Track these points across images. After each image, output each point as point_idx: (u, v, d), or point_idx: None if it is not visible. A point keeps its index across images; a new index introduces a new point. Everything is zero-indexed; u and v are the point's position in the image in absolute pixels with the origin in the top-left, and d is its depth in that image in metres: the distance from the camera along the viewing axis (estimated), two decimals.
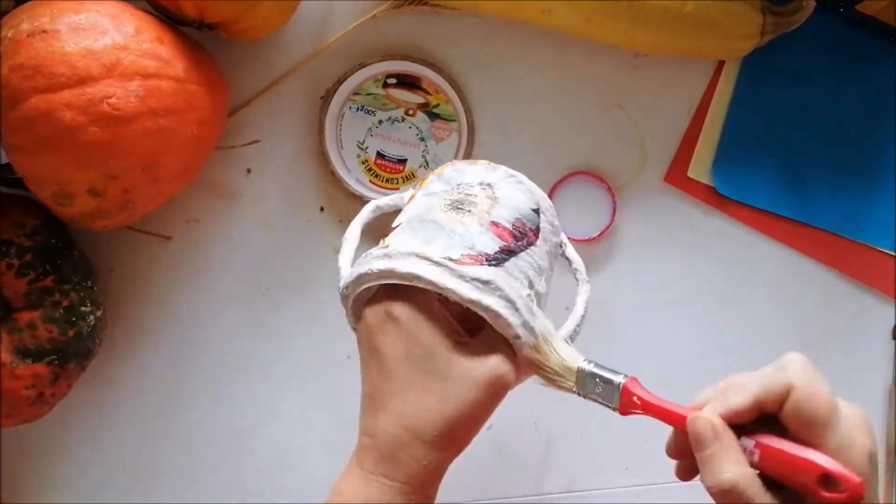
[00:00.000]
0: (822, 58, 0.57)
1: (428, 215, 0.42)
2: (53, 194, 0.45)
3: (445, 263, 0.39)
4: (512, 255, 0.40)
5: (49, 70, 0.43)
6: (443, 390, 0.37)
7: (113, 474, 0.57)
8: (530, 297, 0.39)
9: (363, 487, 0.37)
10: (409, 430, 0.37)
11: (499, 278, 0.39)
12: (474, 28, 0.56)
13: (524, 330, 0.38)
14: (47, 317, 0.48)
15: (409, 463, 0.37)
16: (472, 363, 0.37)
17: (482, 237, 0.40)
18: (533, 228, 0.42)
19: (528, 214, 0.42)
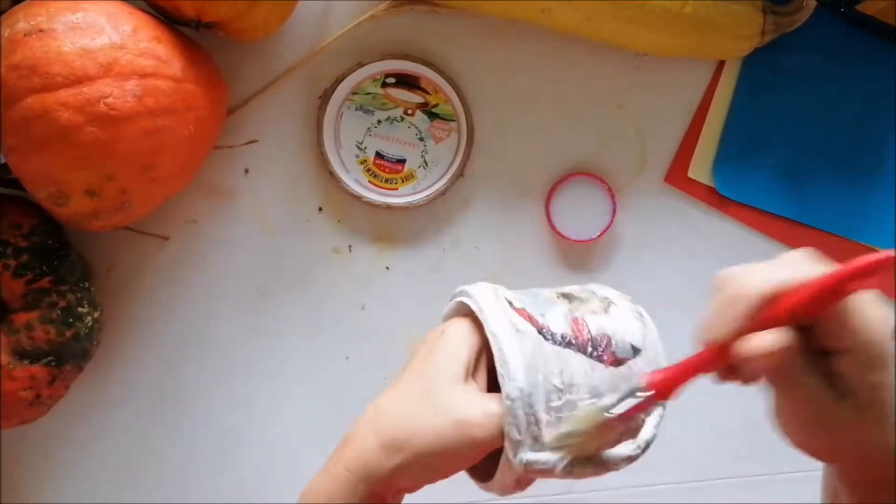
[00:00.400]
0: (823, 58, 0.57)
1: (541, 290, 0.42)
2: (50, 195, 0.45)
3: (502, 300, 0.38)
4: (570, 348, 0.38)
5: (45, 69, 0.43)
6: (422, 406, 0.37)
7: (111, 475, 0.57)
8: (557, 393, 0.36)
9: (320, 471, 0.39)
10: (374, 423, 0.38)
11: (532, 342, 0.37)
12: (473, 27, 0.56)
13: (521, 401, 0.35)
14: (44, 318, 0.48)
15: (358, 452, 0.38)
16: (459, 401, 0.37)
17: (556, 317, 0.39)
18: (615, 355, 0.38)
19: (622, 343, 0.39)
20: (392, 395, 0.39)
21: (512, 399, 0.35)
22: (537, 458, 0.35)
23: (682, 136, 0.57)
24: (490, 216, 0.57)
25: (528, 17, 0.53)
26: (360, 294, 0.57)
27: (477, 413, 0.36)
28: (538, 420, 0.36)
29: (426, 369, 0.38)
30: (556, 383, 0.36)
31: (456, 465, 0.37)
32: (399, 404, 0.38)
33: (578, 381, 0.37)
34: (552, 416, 0.36)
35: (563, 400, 0.36)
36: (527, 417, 0.35)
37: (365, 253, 0.57)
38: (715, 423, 0.58)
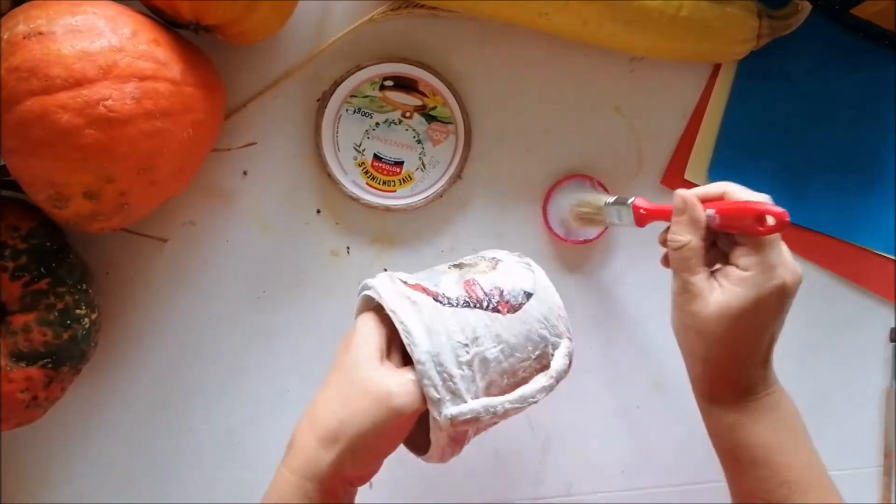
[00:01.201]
0: (818, 61, 0.57)
1: (434, 267, 0.47)
2: (49, 197, 0.45)
3: (395, 281, 0.42)
4: (466, 307, 0.41)
5: (45, 72, 0.43)
6: (347, 394, 0.40)
7: (108, 477, 0.57)
8: (464, 348, 0.40)
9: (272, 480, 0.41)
10: (310, 423, 0.40)
11: (429, 308, 0.40)
12: (471, 31, 0.56)
13: (431, 362, 0.38)
14: (42, 320, 0.47)
15: (298, 453, 0.40)
16: (377, 379, 0.39)
17: (450, 284, 0.43)
18: (510, 303, 0.42)
19: (514, 291, 0.43)
20: (321, 394, 0.41)
21: (422, 362, 0.39)
22: (460, 410, 0.38)
23: (678, 139, 0.57)
24: (487, 218, 0.57)
25: (526, 20, 0.53)
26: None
27: (394, 384, 0.39)
28: (451, 376, 0.39)
29: (344, 363, 0.41)
30: (460, 339, 0.40)
31: (390, 440, 0.40)
32: (327, 400, 0.41)
33: (481, 334, 0.40)
34: (465, 370, 0.39)
35: (470, 353, 0.40)
36: (440, 375, 0.39)
37: (363, 255, 0.57)
38: None
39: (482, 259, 0.47)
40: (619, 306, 0.58)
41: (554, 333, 0.43)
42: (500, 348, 0.40)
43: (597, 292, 0.58)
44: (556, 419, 0.58)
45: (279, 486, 0.40)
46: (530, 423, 0.58)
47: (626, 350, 0.58)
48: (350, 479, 0.40)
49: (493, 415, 0.39)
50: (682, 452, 0.59)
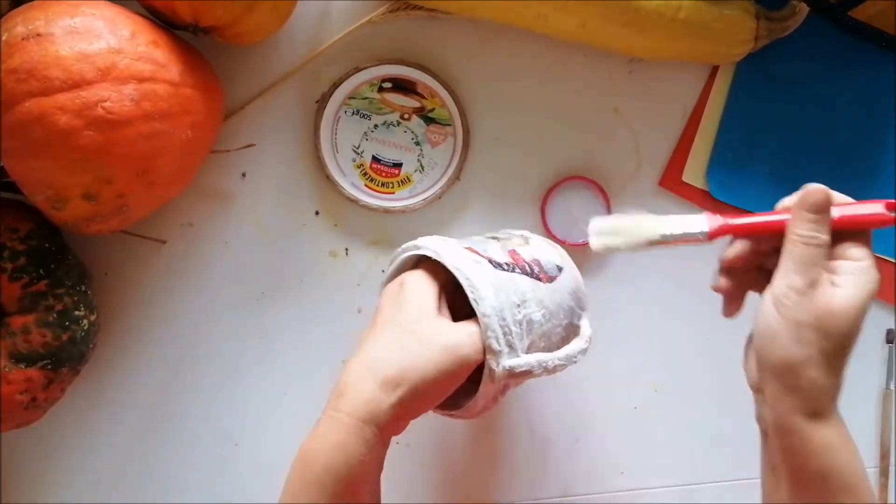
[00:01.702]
0: (816, 63, 0.57)
1: (473, 236, 0.50)
2: (47, 198, 0.45)
3: (452, 243, 0.45)
4: (514, 272, 0.45)
5: (43, 73, 0.43)
6: (408, 343, 0.41)
7: (107, 478, 0.57)
8: (517, 308, 0.43)
9: (317, 425, 0.41)
10: (366, 367, 0.41)
11: (489, 268, 0.43)
12: (469, 33, 0.56)
13: (496, 316, 0.42)
14: (41, 321, 0.47)
15: (355, 397, 0.40)
16: (440, 329, 0.42)
17: (497, 251, 0.46)
18: (548, 274, 0.46)
19: (549, 264, 0.47)
20: (376, 342, 0.42)
21: (488, 315, 0.42)
22: (517, 362, 0.42)
23: (676, 141, 0.57)
24: (486, 220, 0.57)
25: (524, 22, 0.53)
26: (356, 297, 0.57)
27: (460, 335, 0.42)
28: (511, 331, 0.42)
29: (399, 316, 0.43)
30: (515, 300, 0.43)
31: (447, 387, 0.42)
32: (386, 348, 0.42)
33: (528, 297, 0.44)
34: (518, 328, 0.42)
35: (521, 314, 0.43)
36: (502, 329, 0.42)
37: (361, 256, 0.57)
38: (712, 426, 0.59)
39: (512, 234, 0.50)
40: (618, 307, 0.58)
41: (579, 306, 0.47)
42: (542, 312, 0.44)
43: (596, 293, 0.58)
44: (555, 420, 0.58)
45: (328, 429, 0.40)
46: (529, 424, 0.58)
47: (625, 351, 0.58)
48: (402, 421, 0.42)
49: (544, 369, 0.43)
50: (680, 453, 0.59)
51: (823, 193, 0.42)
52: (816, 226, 0.41)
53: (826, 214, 0.41)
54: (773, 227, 0.42)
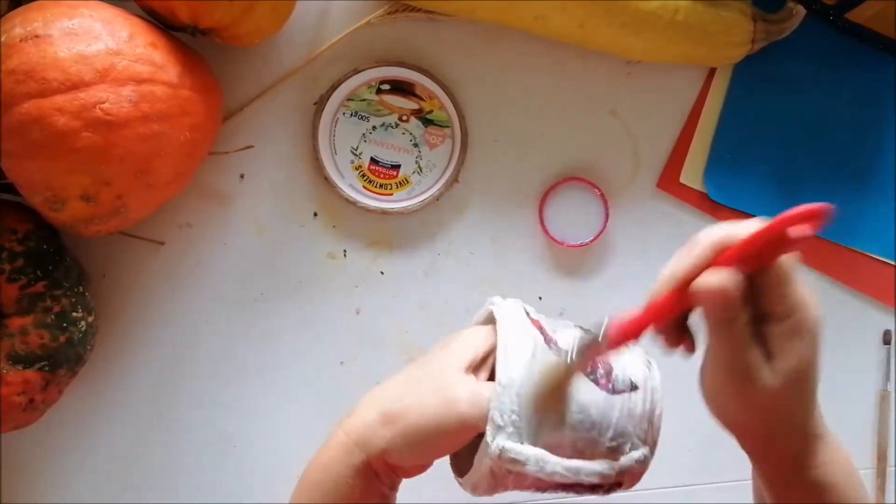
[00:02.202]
0: (813, 65, 0.57)
1: (560, 320, 0.43)
2: (45, 199, 0.45)
3: (520, 307, 0.41)
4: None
5: (41, 75, 0.43)
6: (421, 385, 0.40)
7: (105, 479, 0.57)
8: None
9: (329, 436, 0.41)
10: (379, 394, 0.41)
11: (537, 345, 0.39)
12: (468, 35, 0.56)
13: (512, 389, 0.37)
14: (38, 322, 0.47)
15: (358, 420, 0.40)
16: (454, 381, 0.39)
17: (566, 337, 0.40)
18: (613, 385, 0.39)
19: (623, 376, 0.40)
20: (398, 377, 0.42)
21: (503, 385, 0.37)
22: (513, 446, 0.37)
23: (674, 142, 0.57)
24: (484, 221, 0.57)
25: (522, 24, 0.54)
26: (354, 299, 0.57)
27: (466, 392, 0.38)
28: (523, 415, 0.37)
29: (434, 359, 0.41)
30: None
31: (443, 442, 0.39)
32: (402, 384, 0.41)
33: (569, 393, 0.38)
34: (536, 416, 0.37)
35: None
36: (511, 406, 0.37)
37: (360, 258, 0.57)
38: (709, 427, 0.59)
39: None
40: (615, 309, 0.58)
41: (638, 435, 0.40)
42: (579, 417, 0.38)
43: (593, 295, 0.58)
44: None
45: (331, 443, 0.40)
46: None
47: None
48: (394, 466, 0.40)
49: (540, 469, 0.37)
50: (679, 454, 0.59)
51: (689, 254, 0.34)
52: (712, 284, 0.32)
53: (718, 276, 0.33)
54: (668, 311, 0.35)
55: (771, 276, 0.33)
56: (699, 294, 0.33)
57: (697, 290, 0.33)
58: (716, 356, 0.35)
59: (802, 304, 0.34)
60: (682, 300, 0.34)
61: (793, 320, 0.33)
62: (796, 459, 0.36)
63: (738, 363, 0.34)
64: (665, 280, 0.35)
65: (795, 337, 0.34)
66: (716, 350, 0.35)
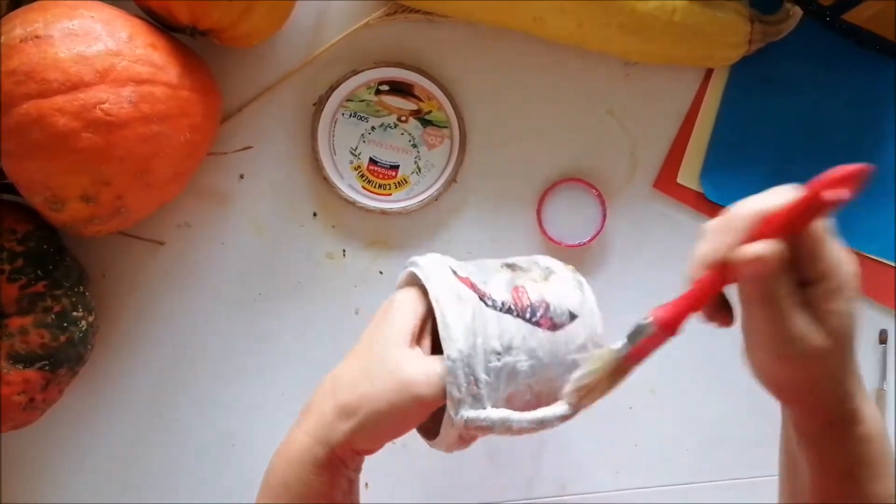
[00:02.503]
0: (810, 66, 0.57)
1: (487, 260, 0.45)
2: (45, 200, 0.45)
3: (447, 269, 0.41)
4: (509, 313, 0.40)
5: (41, 76, 0.43)
6: (371, 371, 0.40)
7: (105, 480, 0.57)
8: (496, 355, 0.39)
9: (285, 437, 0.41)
10: (332, 388, 0.41)
11: (473, 307, 0.39)
12: (466, 36, 0.56)
13: (461, 362, 0.38)
14: (39, 322, 0.48)
15: (315, 416, 0.40)
16: (404, 362, 0.39)
17: (499, 286, 0.41)
18: (552, 320, 0.41)
19: (560, 308, 0.41)
20: (347, 362, 0.42)
21: (453, 360, 0.38)
22: (477, 415, 0.38)
23: (671, 143, 0.58)
24: (482, 221, 0.58)
25: (521, 25, 0.54)
26: (354, 299, 0.57)
27: (419, 373, 0.39)
28: (478, 380, 0.38)
29: (376, 336, 0.41)
30: (495, 346, 0.39)
31: (405, 423, 0.40)
32: (352, 371, 0.41)
33: (517, 345, 0.39)
34: (491, 377, 0.39)
35: (501, 362, 0.39)
36: (466, 377, 0.38)
37: (359, 258, 0.58)
38: (707, 426, 0.59)
39: (535, 265, 0.45)
40: (613, 308, 0.58)
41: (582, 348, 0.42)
42: (530, 363, 0.40)
43: None
44: None
45: (290, 445, 0.41)
46: None
47: None
48: (359, 450, 0.41)
49: (507, 429, 0.38)
50: (676, 453, 0.59)
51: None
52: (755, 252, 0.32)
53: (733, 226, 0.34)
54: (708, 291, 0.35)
55: (806, 240, 0.33)
56: (743, 268, 0.33)
57: (741, 264, 0.33)
58: (764, 328, 0.34)
59: (839, 263, 0.34)
60: (724, 277, 0.34)
61: (832, 281, 0.33)
62: (844, 415, 0.36)
63: (789, 332, 0.33)
64: (704, 258, 0.34)
65: (837, 296, 0.34)
66: (763, 322, 0.34)
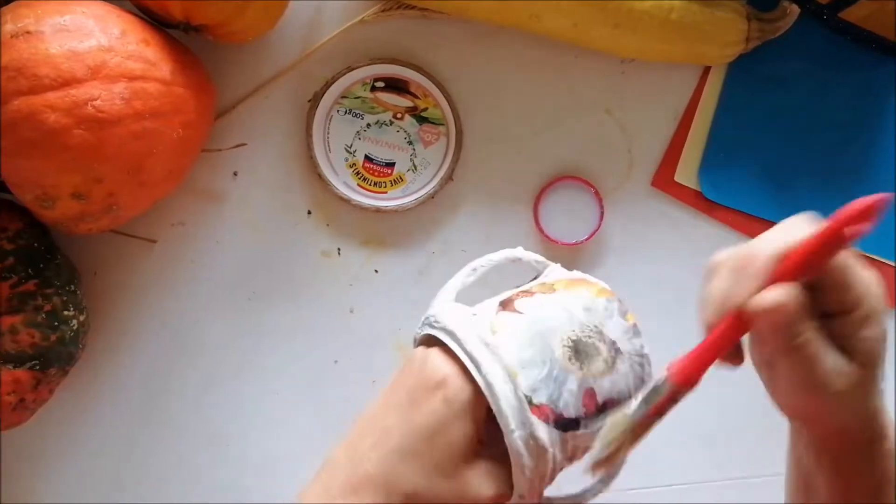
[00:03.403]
0: (807, 64, 0.57)
1: (546, 338, 0.39)
2: (36, 197, 0.45)
3: (522, 399, 0.37)
4: (580, 428, 0.38)
5: (32, 72, 0.42)
6: (432, 479, 0.35)
7: (97, 479, 0.56)
8: (560, 469, 0.39)
9: (310, 487, 0.36)
10: (384, 474, 0.36)
11: (552, 445, 0.37)
12: (462, 33, 0.56)
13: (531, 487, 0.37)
14: (29, 321, 0.47)
15: (344, 483, 0.36)
16: (470, 484, 0.36)
17: (570, 399, 0.38)
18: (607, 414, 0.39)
19: (623, 400, 0.39)
20: (398, 458, 0.36)
21: (520, 494, 0.37)
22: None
23: (668, 141, 0.58)
24: (479, 219, 0.57)
25: (517, 22, 0.54)
26: (348, 297, 0.57)
27: (486, 495, 0.36)
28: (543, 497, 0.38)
29: (437, 443, 0.36)
30: (560, 464, 0.38)
31: None
32: (410, 466, 0.36)
33: (580, 452, 0.39)
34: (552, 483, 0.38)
35: (563, 468, 0.39)
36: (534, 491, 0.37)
37: (354, 256, 0.57)
38: (707, 425, 0.59)
39: (601, 341, 0.40)
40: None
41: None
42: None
43: None
44: None
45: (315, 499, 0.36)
46: None
47: None
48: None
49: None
50: (675, 452, 0.59)
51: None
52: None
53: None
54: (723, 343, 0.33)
55: (832, 271, 0.31)
56: (763, 318, 0.31)
57: (761, 314, 0.31)
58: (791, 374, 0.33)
59: (867, 288, 0.32)
60: (742, 325, 0.32)
61: (863, 308, 0.32)
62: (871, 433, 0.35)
63: (820, 375, 0.32)
64: (720, 304, 0.32)
65: (869, 323, 0.32)
66: (790, 369, 0.33)
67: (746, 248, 0.33)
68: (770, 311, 0.30)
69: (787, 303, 0.30)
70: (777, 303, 0.30)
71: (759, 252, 0.32)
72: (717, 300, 0.33)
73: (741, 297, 0.31)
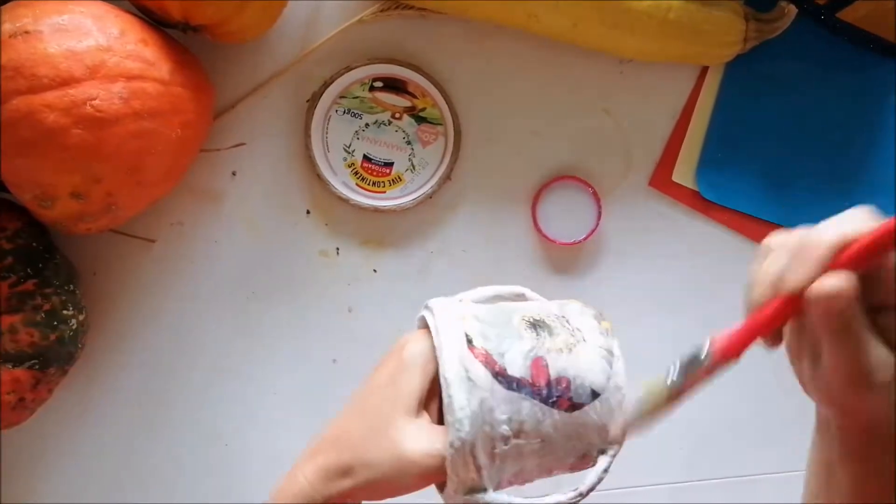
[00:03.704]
0: (804, 64, 0.57)
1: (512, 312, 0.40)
2: (35, 197, 0.45)
3: (462, 339, 0.38)
4: (523, 392, 0.37)
5: (31, 71, 0.42)
6: (372, 435, 0.38)
7: (96, 479, 0.57)
8: (503, 439, 0.37)
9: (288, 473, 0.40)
10: (334, 441, 0.39)
11: (484, 389, 0.37)
12: (461, 32, 0.56)
13: (465, 450, 0.36)
14: (28, 321, 0.47)
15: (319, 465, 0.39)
16: (406, 436, 0.37)
17: (518, 357, 0.38)
18: (571, 400, 0.38)
19: (582, 387, 0.38)
20: (354, 414, 0.40)
21: (455, 448, 0.36)
22: (475, 498, 0.37)
23: (666, 141, 0.58)
24: (477, 219, 0.57)
25: (516, 22, 0.54)
26: (347, 297, 0.57)
27: (421, 451, 0.37)
28: (479, 466, 0.37)
29: (387, 394, 0.39)
30: (504, 431, 0.37)
31: (401, 492, 0.38)
32: (357, 428, 0.39)
33: (528, 429, 0.37)
34: (496, 461, 0.37)
35: (509, 445, 0.37)
36: (467, 464, 0.36)
37: (352, 256, 0.57)
38: (702, 424, 0.59)
39: (565, 325, 0.40)
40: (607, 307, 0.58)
41: (603, 439, 0.39)
42: (541, 444, 0.38)
43: (585, 293, 0.58)
44: None
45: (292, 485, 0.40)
46: None
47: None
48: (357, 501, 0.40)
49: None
50: (671, 451, 0.59)
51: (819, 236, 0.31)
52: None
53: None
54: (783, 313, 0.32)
55: (887, 267, 0.31)
56: (820, 304, 0.30)
57: (821, 300, 0.30)
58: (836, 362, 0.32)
59: None
60: (793, 308, 0.32)
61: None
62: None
63: (865, 366, 0.31)
64: (771, 286, 0.32)
65: None
66: (835, 357, 0.32)
67: (806, 234, 0.33)
68: (829, 298, 0.30)
69: (846, 291, 0.30)
70: (838, 290, 0.30)
71: (820, 238, 0.31)
72: (769, 281, 0.33)
73: (799, 280, 0.31)
